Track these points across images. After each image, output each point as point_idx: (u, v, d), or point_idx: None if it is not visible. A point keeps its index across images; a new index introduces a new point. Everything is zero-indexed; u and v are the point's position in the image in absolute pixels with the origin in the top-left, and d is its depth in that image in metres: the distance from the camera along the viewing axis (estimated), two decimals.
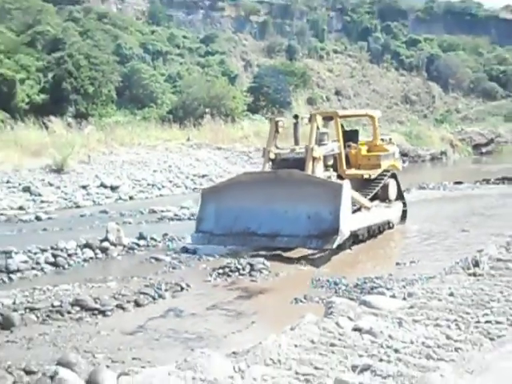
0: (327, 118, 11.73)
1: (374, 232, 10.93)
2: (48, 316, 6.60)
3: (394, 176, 12.14)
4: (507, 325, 5.24)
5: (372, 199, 11.32)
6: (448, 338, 4.95)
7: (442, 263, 8.48)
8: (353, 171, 11.48)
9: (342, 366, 4.37)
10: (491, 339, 4.91)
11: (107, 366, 4.72)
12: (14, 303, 7.05)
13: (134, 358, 5.38)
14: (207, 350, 4.49)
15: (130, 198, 18.18)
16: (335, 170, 11.10)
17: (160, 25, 48.75)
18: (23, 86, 31.62)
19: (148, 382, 3.90)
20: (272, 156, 10.41)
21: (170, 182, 20.32)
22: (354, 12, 61.00)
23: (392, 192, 11.99)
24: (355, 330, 5.20)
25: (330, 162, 10.96)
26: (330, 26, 59.71)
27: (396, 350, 4.65)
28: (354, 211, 9.99)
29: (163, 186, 19.67)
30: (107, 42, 38.63)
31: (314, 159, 9.89)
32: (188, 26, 52.16)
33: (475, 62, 59.13)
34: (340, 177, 10.99)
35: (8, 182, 17.74)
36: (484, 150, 36.52)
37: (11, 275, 8.70)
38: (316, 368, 4.34)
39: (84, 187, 18.38)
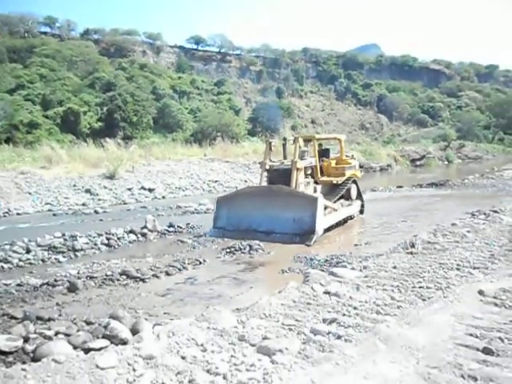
0: (307, 140, 11.68)
1: (339, 223, 11.00)
2: (103, 282, 6.59)
3: (354, 182, 12.25)
4: (435, 289, 5.23)
5: (339, 199, 11.43)
6: (392, 298, 4.94)
7: (388, 244, 8.45)
8: (325, 178, 11.65)
9: (316, 319, 4.35)
10: (423, 300, 4.91)
11: (145, 319, 4.68)
12: (78, 273, 7.06)
13: (164, 313, 5.36)
14: (218, 307, 4.46)
15: (163, 197, 18.13)
16: (312, 177, 11.26)
17: (185, 72, 48.65)
18: (85, 116, 31.61)
19: (175, 330, 3.87)
20: (267, 167, 10.39)
21: (192, 185, 20.26)
22: (324, 63, 61.08)
23: (353, 193, 12.12)
24: (325, 292, 5.18)
25: (309, 172, 11.14)
26: (307, 73, 59.74)
27: (355, 308, 4.64)
28: (325, 214, 10.00)
29: (186, 189, 19.61)
30: (146, 84, 38.52)
31: (298, 169, 10.01)
32: (205, 73, 52.06)
33: (412, 99, 59.24)
34: (316, 182, 11.21)
35: (74, 185, 17.70)
36: (418, 163, 36.44)
37: (76, 253, 8.70)
38: (297, 320, 4.32)
39: (129, 189, 18.31)
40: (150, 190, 18.48)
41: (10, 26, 42.33)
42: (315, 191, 10.89)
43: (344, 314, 4.46)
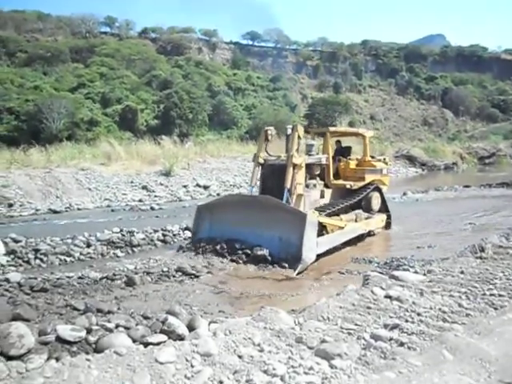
0: (321, 134, 10.75)
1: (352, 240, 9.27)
2: (159, 278, 6.76)
3: (378, 189, 10.54)
4: (508, 297, 4.94)
5: (354, 208, 9.90)
6: (460, 306, 4.72)
7: (454, 247, 8.13)
8: (339, 181, 10.11)
9: (377, 324, 4.24)
10: (495, 308, 4.65)
11: (201, 316, 4.76)
12: (135, 268, 7.28)
13: (219, 311, 5.43)
14: (274, 307, 4.46)
15: (218, 194, 18.38)
16: (323, 179, 9.83)
17: (240, 69, 49.04)
18: (143, 113, 32.66)
19: (232, 329, 3.91)
20: (261, 161, 8.95)
21: (247, 183, 20.39)
22: (385, 56, 59.45)
23: (375, 203, 10.37)
24: (386, 297, 5.04)
25: (317, 172, 9.62)
26: (366, 67, 58.43)
27: (418, 314, 4.48)
28: (322, 234, 8.35)
29: (241, 186, 19.78)
30: (202, 81, 39.23)
31: (295, 166, 8.40)
32: (260, 69, 52.29)
33: (480, 93, 56.37)
34: (326, 185, 9.82)
35: (132, 182, 18.33)
36: (487, 161, 34.72)
37: (133, 248, 8.99)
38: (356, 324, 4.24)
39: (184, 186, 18.72)
40: (205, 187, 18.80)
41: (71, 27, 44.66)
42: (322, 196, 9.55)
43: (407, 320, 4.31)
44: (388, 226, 10.68)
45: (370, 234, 9.96)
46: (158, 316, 4.37)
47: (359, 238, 9.42)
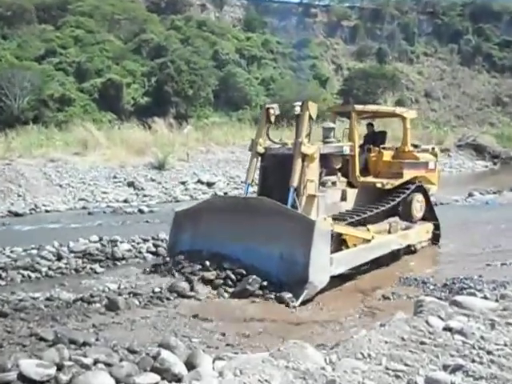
0: (345, 114, 10.65)
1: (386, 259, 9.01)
2: (149, 301, 6.82)
3: (421, 190, 10.18)
4: None
5: (389, 215, 9.57)
6: None
7: None
8: (368, 179, 9.70)
9: (433, 365, 4.20)
10: None
11: (203, 351, 4.78)
12: (118, 288, 7.39)
13: (227, 344, 5.46)
14: (299, 340, 4.45)
15: (225, 193, 18.44)
16: (345, 175, 9.55)
17: (255, 31, 49.04)
18: (129, 89, 32.88)
19: (243, 368, 3.91)
20: (261, 150, 8.72)
21: None
22: (444, 15, 58.91)
23: (417, 208, 10.00)
24: (446, 329, 4.99)
25: (338, 165, 9.34)
26: (420, 29, 57.97)
27: (489, 352, 4.41)
28: (339, 249, 8.08)
29: (256, 184, 19.79)
30: (206, 48, 39.32)
31: (305, 157, 8.16)
32: (281, 32, 52.24)
33: None
34: (350, 184, 9.51)
35: (115, 177, 18.54)
36: None
37: (116, 262, 9.13)
38: (406, 365, 4.20)
39: (183, 183, 18.86)
40: (209, 185, 18.88)
41: None
42: (344, 199, 9.20)
43: (473, 361, 4.26)
44: (436, 238, 10.42)
45: (410, 249, 9.67)
46: (148, 350, 4.40)
47: (394, 256, 9.18)
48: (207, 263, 7.60)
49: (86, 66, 33.21)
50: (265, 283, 7.19)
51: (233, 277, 7.38)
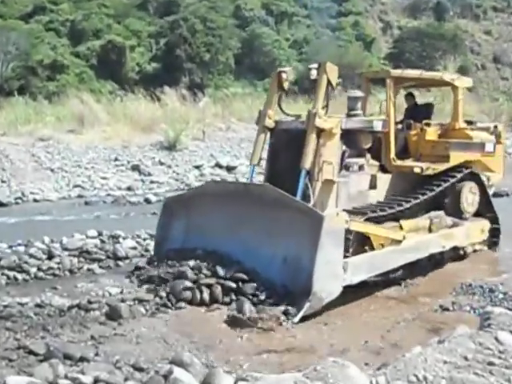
0: (379, 81, 10.43)
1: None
2: (157, 309, 6.82)
3: (475, 178, 9.78)
4: None
5: (432, 209, 9.24)
6: None
7: None
8: (406, 162, 9.42)
9: None
10: None
11: (223, 369, 4.80)
12: (121, 292, 7.40)
13: (251, 362, 5.46)
14: (339, 359, 4.45)
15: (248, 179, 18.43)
16: (377, 157, 9.25)
17: None
18: (133, 53, 32.97)
19: None
20: (270, 124, 8.55)
21: None
22: None
23: (468, 202, 9.57)
24: None
25: (367, 145, 9.02)
26: None
27: None
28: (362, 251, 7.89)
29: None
30: (225, 3, 39.19)
31: (321, 132, 7.97)
32: None
33: None
34: (383, 168, 9.20)
35: (116, 159, 18.64)
36: None
37: (118, 262, 9.13)
38: None
39: (197, 167, 18.88)
40: (229, 169, 18.88)
41: None
42: (373, 186, 8.92)
43: None
44: (495, 238, 10.00)
45: (458, 253, 9.39)
46: (158, 367, 4.43)
47: (437, 261, 8.93)
48: (203, 266, 7.41)
49: (81, 26, 33.42)
50: (262, 297, 6.97)
51: (232, 285, 7.16)
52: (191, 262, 7.52)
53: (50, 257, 8.98)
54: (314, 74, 8.30)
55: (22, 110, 21.92)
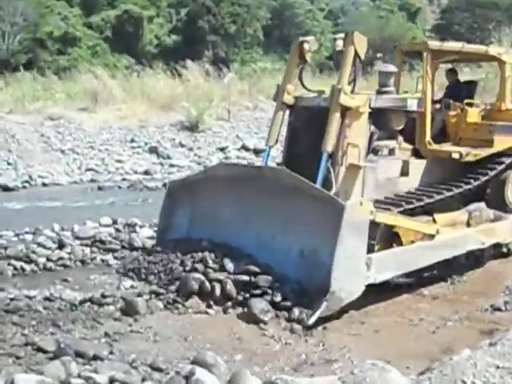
0: (415, 54, 10.27)
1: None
2: (172, 304, 6.80)
3: None
4: None
5: (472, 200, 9.10)
6: None
7: None
8: (444, 147, 9.25)
9: None
10: None
11: (250, 371, 4.79)
12: (131, 287, 7.36)
13: (281, 364, 5.46)
14: (380, 361, 4.42)
15: (278, 164, 18.38)
16: (410, 140, 9.11)
17: None
18: (151, 25, 33.10)
19: None
20: (289, 100, 8.36)
21: None
22: None
23: None
24: None
25: (399, 126, 8.88)
26: None
27: None
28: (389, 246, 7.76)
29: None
30: None
31: (346, 111, 7.81)
32: None
33: None
34: (417, 152, 9.08)
35: (132, 140, 18.73)
36: None
37: (134, 252, 9.08)
38: None
39: (222, 149, 18.91)
40: (257, 152, 18.83)
41: None
42: (405, 173, 8.75)
43: None
44: None
45: (500, 250, 9.17)
46: (178, 367, 4.44)
47: (476, 258, 8.77)
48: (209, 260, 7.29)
49: None
50: (278, 298, 6.82)
51: (245, 278, 7.03)
52: (197, 255, 7.40)
53: (61, 246, 9.04)
54: (339, 44, 8.19)
55: (29, 86, 22.04)
